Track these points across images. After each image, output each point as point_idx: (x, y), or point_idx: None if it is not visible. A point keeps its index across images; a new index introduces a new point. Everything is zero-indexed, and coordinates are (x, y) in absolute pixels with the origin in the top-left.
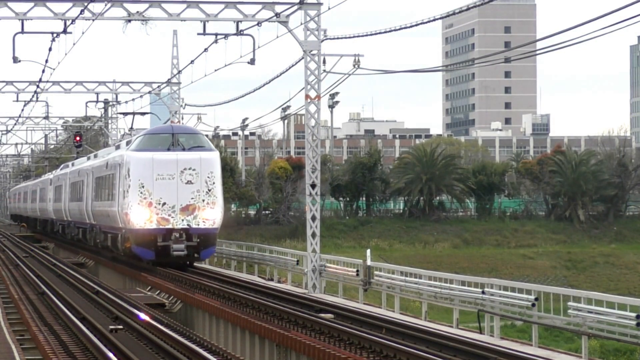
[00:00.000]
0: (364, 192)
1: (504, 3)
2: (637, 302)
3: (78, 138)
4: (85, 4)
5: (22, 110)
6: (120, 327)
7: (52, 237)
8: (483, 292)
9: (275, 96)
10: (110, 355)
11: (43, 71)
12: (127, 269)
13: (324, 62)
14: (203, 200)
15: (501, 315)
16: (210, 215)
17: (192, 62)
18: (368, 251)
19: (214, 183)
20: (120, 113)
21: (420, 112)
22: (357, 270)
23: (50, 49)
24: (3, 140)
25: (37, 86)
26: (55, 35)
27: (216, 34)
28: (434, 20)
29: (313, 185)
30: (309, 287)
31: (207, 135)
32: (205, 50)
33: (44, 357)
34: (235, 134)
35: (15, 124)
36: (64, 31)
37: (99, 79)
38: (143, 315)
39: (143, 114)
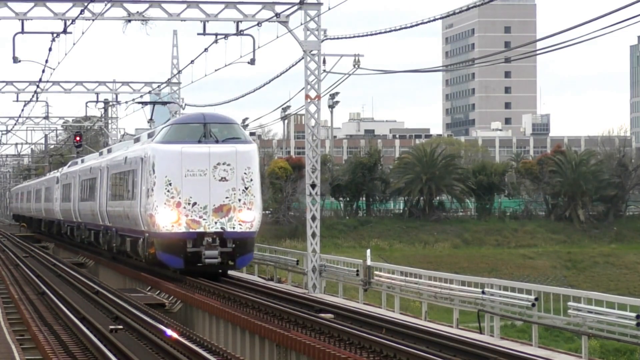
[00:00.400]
0: (364, 192)
1: (504, 3)
2: (637, 302)
3: (78, 138)
4: (85, 4)
5: (22, 110)
6: (120, 327)
7: (59, 240)
8: (483, 292)
9: (275, 96)
10: (110, 355)
11: (43, 71)
12: (127, 269)
13: (324, 62)
14: (239, 200)
15: (501, 315)
16: (248, 216)
17: (192, 62)
18: (368, 251)
19: (251, 180)
20: (139, 102)
21: (420, 112)
22: (357, 270)
23: (50, 49)
24: (3, 140)
25: (37, 86)
26: (55, 35)
27: (216, 34)
28: (434, 20)
29: (313, 185)
30: (309, 287)
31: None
32: (205, 50)
33: (44, 357)
34: None
35: (15, 124)
36: (64, 31)
37: (99, 79)
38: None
39: (164, 103)
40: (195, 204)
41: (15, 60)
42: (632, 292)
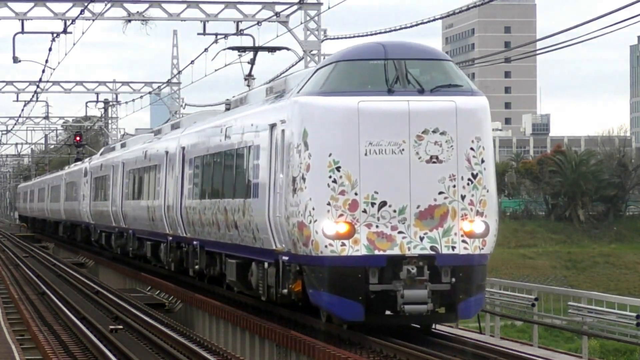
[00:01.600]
0: None
1: (504, 3)
2: (637, 302)
3: (78, 138)
4: (85, 4)
5: (22, 110)
6: (120, 327)
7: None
8: None
9: None
10: (110, 355)
11: (43, 71)
12: (127, 269)
13: None
14: (463, 198)
15: (501, 315)
16: (478, 227)
17: (192, 62)
18: None
19: (482, 162)
20: (235, 48)
21: None
22: None
23: (50, 49)
24: (3, 140)
25: (37, 86)
26: (55, 35)
27: (216, 34)
28: (434, 20)
29: None
30: None
31: None
32: (205, 50)
33: (44, 357)
34: None
35: (15, 124)
36: (64, 31)
37: (99, 79)
38: None
39: (271, 49)
40: (384, 204)
41: (15, 60)
42: (632, 292)
